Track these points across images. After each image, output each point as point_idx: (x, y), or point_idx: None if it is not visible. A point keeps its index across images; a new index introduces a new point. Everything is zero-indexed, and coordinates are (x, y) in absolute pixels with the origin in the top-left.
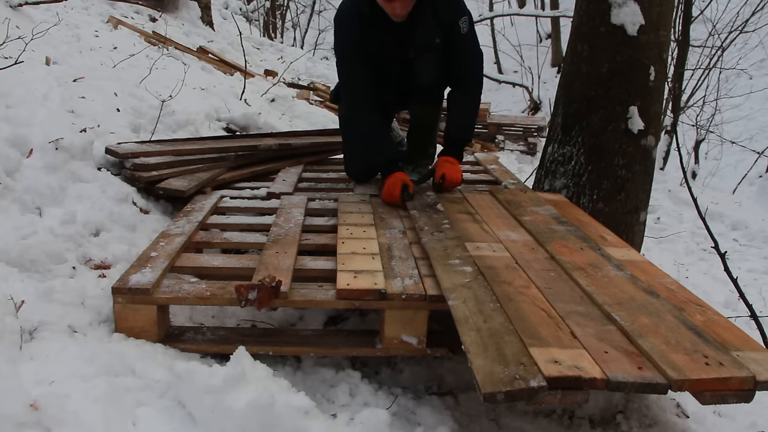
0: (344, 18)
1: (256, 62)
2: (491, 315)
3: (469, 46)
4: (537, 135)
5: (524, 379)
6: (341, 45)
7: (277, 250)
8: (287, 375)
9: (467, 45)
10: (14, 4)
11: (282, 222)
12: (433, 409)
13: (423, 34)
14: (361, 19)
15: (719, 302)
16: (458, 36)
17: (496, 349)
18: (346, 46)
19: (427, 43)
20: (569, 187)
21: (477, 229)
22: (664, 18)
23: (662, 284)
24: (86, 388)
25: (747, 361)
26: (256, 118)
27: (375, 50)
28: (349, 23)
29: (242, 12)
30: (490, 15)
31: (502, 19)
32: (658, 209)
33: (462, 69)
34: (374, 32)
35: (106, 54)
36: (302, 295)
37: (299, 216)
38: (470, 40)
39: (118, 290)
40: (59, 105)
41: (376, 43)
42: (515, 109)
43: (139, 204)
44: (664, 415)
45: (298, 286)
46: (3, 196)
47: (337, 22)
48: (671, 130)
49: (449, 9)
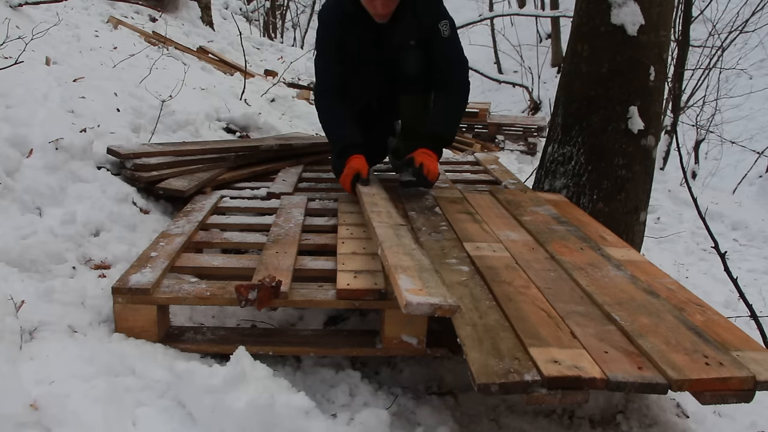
0: (326, 16)
1: (256, 62)
2: (487, 312)
3: (450, 49)
4: (537, 135)
5: (518, 373)
6: (320, 40)
7: (277, 250)
8: (287, 375)
9: (448, 48)
10: (14, 4)
11: (282, 222)
12: (433, 409)
13: (400, 35)
14: (344, 17)
15: (719, 302)
16: (439, 39)
17: (492, 343)
18: (325, 43)
19: (403, 44)
20: (569, 187)
21: (477, 229)
22: (664, 18)
23: (662, 284)
24: (86, 388)
25: (747, 361)
26: (256, 118)
27: (353, 49)
28: (331, 21)
29: (242, 12)
30: (490, 15)
31: (502, 19)
32: (658, 209)
33: (444, 72)
34: (354, 30)
35: (106, 54)
36: (302, 295)
37: (299, 216)
38: (452, 44)
39: (118, 290)
40: (59, 105)
41: (355, 41)
42: (515, 109)
43: (139, 204)
44: (664, 415)
45: (298, 286)
46: (3, 196)
47: (320, 18)
48: (671, 130)
49: (429, 12)
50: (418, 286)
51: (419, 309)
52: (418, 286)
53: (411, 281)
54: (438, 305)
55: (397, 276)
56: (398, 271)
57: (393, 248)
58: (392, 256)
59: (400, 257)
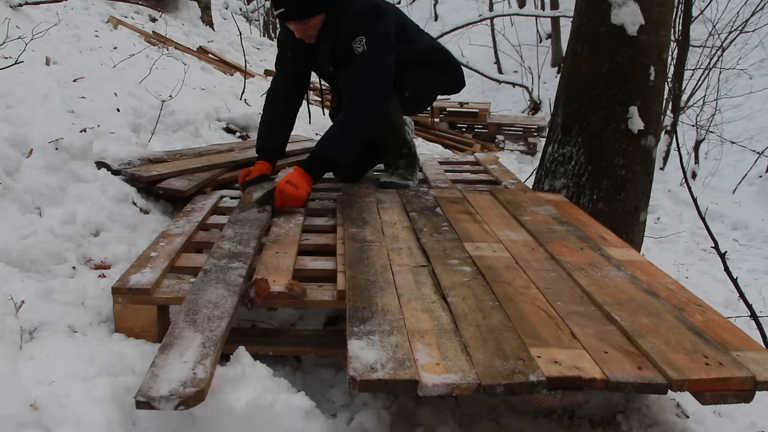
0: (282, 31)
1: (256, 62)
2: (490, 312)
3: (361, 66)
4: (537, 135)
5: (523, 374)
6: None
7: (277, 250)
8: (287, 375)
9: (360, 65)
10: (14, 4)
11: (282, 222)
12: (434, 409)
13: (323, 57)
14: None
15: (719, 302)
16: (354, 56)
17: (496, 344)
18: (279, 46)
19: (340, 60)
20: (569, 187)
21: (477, 229)
22: (664, 18)
23: (662, 284)
24: (86, 388)
25: (747, 361)
26: (256, 118)
27: (306, 62)
28: (287, 35)
29: (242, 12)
30: (490, 15)
31: (502, 19)
32: (658, 209)
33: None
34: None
35: (106, 54)
36: None
37: (299, 216)
38: (364, 60)
39: (118, 290)
40: (59, 105)
41: (302, 55)
42: (515, 109)
43: (139, 204)
44: (664, 415)
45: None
46: (3, 196)
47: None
48: (671, 130)
49: (348, 29)
50: (435, 360)
51: (435, 390)
52: (435, 359)
53: (428, 352)
54: (455, 384)
55: (414, 347)
56: (415, 338)
57: (411, 303)
58: (410, 315)
59: (418, 316)
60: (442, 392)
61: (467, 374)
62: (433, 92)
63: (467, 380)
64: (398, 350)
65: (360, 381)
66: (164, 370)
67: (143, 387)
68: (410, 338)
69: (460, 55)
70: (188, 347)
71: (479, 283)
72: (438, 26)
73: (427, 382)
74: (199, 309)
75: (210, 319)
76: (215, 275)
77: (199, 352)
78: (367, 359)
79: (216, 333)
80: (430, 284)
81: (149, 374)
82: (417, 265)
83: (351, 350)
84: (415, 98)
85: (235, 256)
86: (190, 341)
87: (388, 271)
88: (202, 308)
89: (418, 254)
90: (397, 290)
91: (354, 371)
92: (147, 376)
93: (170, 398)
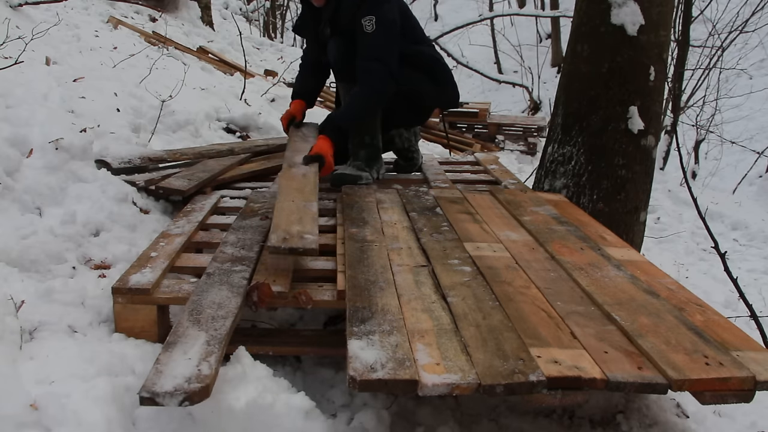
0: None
1: (256, 62)
2: (490, 312)
3: (369, 45)
4: (537, 135)
5: (523, 374)
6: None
7: None
8: (287, 375)
9: (368, 44)
10: (14, 4)
11: None
12: (434, 409)
13: (337, 20)
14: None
15: (719, 302)
16: (360, 33)
17: (496, 344)
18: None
19: (338, 28)
20: (569, 187)
21: (477, 229)
22: (664, 18)
23: (662, 284)
24: (86, 388)
25: (747, 361)
26: (256, 118)
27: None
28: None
29: (242, 12)
30: (490, 15)
31: (502, 19)
32: (658, 209)
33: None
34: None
35: (106, 54)
36: None
37: None
38: (373, 40)
39: (118, 290)
40: (59, 105)
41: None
42: (515, 109)
43: (139, 204)
44: (664, 415)
45: (298, 286)
46: (3, 196)
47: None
48: (671, 130)
49: (355, 4)
50: (435, 360)
51: (435, 390)
52: (435, 359)
53: (428, 352)
54: (455, 384)
55: (414, 347)
56: (415, 338)
57: (411, 303)
58: (410, 315)
59: (418, 316)
60: (442, 392)
61: (467, 374)
62: (420, 97)
63: (467, 380)
64: (398, 350)
65: (360, 381)
66: (168, 366)
67: (147, 383)
68: (410, 338)
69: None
70: (192, 345)
71: (479, 283)
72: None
73: (427, 382)
74: (203, 309)
75: (214, 318)
76: (219, 277)
77: (203, 349)
78: (367, 359)
79: (220, 332)
80: (430, 284)
81: (153, 371)
82: (417, 265)
83: (351, 350)
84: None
85: (238, 260)
86: (195, 339)
87: (388, 271)
88: (206, 308)
89: (418, 254)
90: (397, 290)
91: (354, 371)
92: (151, 372)
93: (175, 394)
